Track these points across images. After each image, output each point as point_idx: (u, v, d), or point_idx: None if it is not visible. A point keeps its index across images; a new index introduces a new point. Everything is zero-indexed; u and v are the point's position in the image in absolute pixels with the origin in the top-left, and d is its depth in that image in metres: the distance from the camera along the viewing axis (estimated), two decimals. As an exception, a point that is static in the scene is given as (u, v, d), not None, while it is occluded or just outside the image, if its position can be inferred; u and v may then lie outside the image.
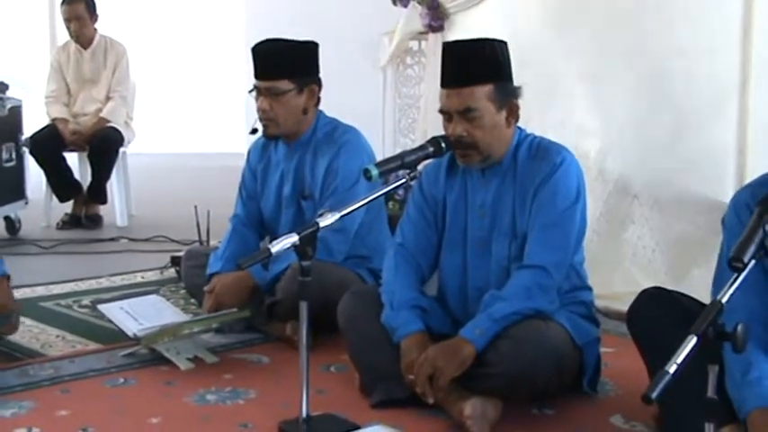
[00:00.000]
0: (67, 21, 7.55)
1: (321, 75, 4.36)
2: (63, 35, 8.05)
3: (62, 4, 7.59)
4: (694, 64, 4.60)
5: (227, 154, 11.14)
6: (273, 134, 4.36)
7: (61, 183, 7.38)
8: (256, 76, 4.29)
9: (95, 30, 7.63)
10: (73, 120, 7.45)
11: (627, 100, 4.84)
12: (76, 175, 7.59)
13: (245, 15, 10.71)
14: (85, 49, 7.59)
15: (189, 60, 12.51)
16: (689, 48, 4.60)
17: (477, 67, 3.40)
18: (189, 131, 12.53)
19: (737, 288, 2.35)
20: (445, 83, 3.45)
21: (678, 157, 4.67)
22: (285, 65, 4.26)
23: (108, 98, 7.52)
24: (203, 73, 12.47)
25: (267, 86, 4.26)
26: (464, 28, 5.58)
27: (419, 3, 5.89)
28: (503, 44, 3.48)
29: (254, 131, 4.44)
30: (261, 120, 4.33)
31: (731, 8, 4.44)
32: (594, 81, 4.96)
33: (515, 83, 3.50)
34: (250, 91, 4.33)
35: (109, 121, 7.40)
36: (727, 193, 4.37)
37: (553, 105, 5.02)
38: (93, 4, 7.56)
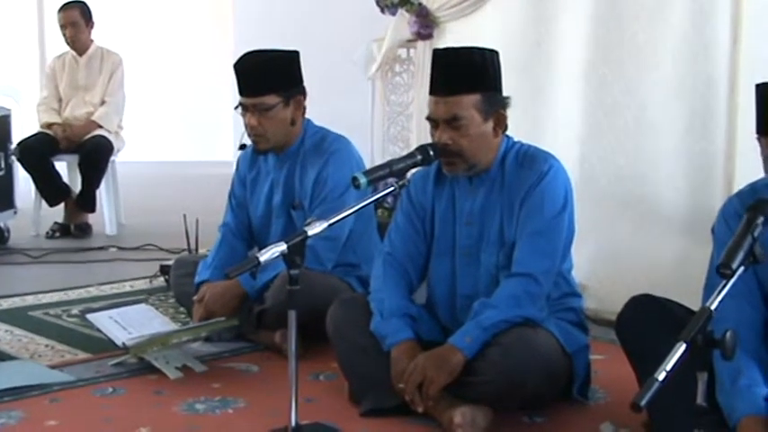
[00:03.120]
0: (63, 27, 7.56)
1: (309, 83, 4.34)
2: (52, 45, 8.06)
3: (58, 10, 7.61)
4: (682, 71, 4.60)
5: (215, 162, 11.15)
6: (264, 149, 4.34)
7: (50, 187, 7.36)
8: (241, 93, 4.26)
9: (91, 38, 7.65)
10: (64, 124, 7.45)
11: (614, 108, 4.84)
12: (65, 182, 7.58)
13: (233, 25, 10.71)
14: (80, 56, 7.61)
15: (177, 69, 12.50)
16: (677, 55, 4.61)
17: (466, 75, 3.40)
18: (178, 140, 12.52)
19: (729, 295, 2.35)
20: (433, 90, 3.45)
21: (665, 165, 4.67)
22: (270, 79, 4.23)
23: (102, 103, 7.53)
24: (192, 81, 12.46)
25: (254, 103, 4.23)
26: (454, 36, 5.57)
27: (407, 11, 5.89)
28: (494, 53, 3.48)
29: (242, 147, 4.43)
30: (250, 136, 4.31)
31: (720, 14, 4.45)
32: (582, 90, 4.96)
33: (504, 92, 3.50)
34: (236, 107, 4.31)
35: (100, 126, 7.40)
36: (715, 201, 4.37)
37: (541, 115, 5.02)
38: (89, 11, 7.59)
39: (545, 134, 4.79)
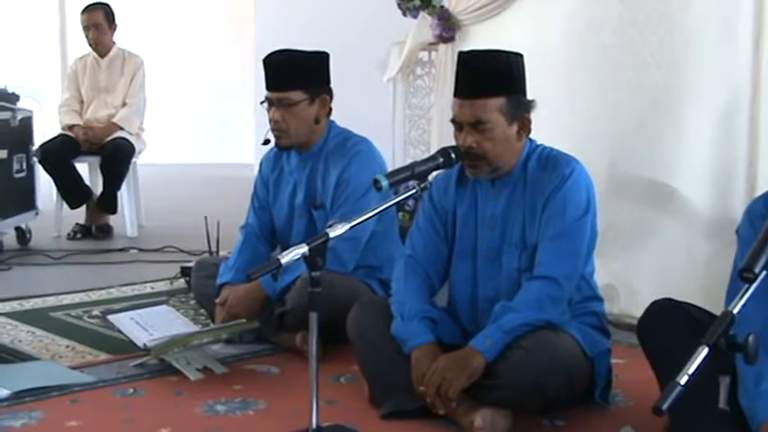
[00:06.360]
0: (86, 28, 7.60)
1: (331, 86, 4.36)
2: (74, 47, 8.07)
3: (82, 12, 7.64)
4: (705, 77, 4.58)
5: (236, 164, 11.17)
6: (286, 145, 4.36)
7: (71, 189, 7.39)
8: (268, 87, 4.29)
9: (113, 40, 7.68)
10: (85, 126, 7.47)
11: (639, 113, 4.82)
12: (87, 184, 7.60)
13: (254, 27, 10.74)
14: (102, 58, 7.64)
15: (198, 71, 12.54)
16: (700, 60, 4.59)
17: (491, 79, 3.40)
18: (198, 142, 12.56)
19: (752, 298, 2.34)
20: (458, 93, 3.44)
21: (688, 170, 4.66)
22: (296, 75, 4.26)
23: (123, 105, 7.55)
24: (213, 83, 12.50)
25: (279, 97, 4.25)
26: (476, 39, 5.56)
27: (429, 14, 5.88)
28: (519, 57, 3.48)
29: (266, 142, 4.44)
30: (273, 131, 4.33)
31: (742, 21, 4.43)
32: (607, 95, 4.94)
33: (528, 96, 3.50)
34: (262, 102, 4.34)
35: (121, 128, 7.42)
36: (737, 207, 4.35)
37: (566, 120, 5.01)
38: (112, 14, 7.63)
39: (570, 138, 4.76)
